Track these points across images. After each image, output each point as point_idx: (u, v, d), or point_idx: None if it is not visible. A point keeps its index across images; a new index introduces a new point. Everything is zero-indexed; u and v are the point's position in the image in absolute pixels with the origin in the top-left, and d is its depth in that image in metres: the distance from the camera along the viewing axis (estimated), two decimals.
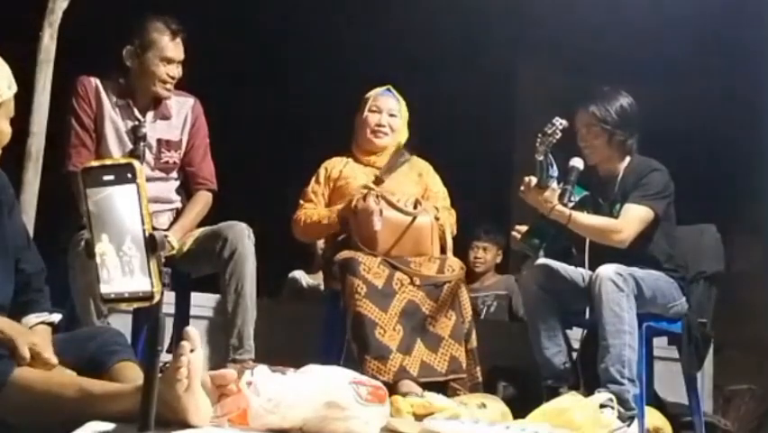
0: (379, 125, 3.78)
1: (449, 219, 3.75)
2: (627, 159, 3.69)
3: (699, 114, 5.30)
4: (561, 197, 3.48)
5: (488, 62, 5.93)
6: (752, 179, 5.37)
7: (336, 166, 3.80)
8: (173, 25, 3.41)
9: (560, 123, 3.42)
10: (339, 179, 3.76)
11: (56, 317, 2.39)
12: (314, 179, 3.79)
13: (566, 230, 3.51)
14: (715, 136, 5.39)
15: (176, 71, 3.42)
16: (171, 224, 3.45)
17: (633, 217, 3.53)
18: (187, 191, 3.55)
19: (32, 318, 2.34)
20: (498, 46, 5.92)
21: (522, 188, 3.50)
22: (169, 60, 3.40)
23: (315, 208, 3.72)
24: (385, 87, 3.84)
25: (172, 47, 3.40)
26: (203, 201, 3.52)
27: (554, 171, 3.46)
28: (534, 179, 3.46)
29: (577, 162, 3.57)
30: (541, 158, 3.42)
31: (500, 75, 6.18)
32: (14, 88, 2.20)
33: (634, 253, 3.50)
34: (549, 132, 3.40)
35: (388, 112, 3.80)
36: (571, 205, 3.50)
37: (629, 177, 3.65)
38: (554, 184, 3.46)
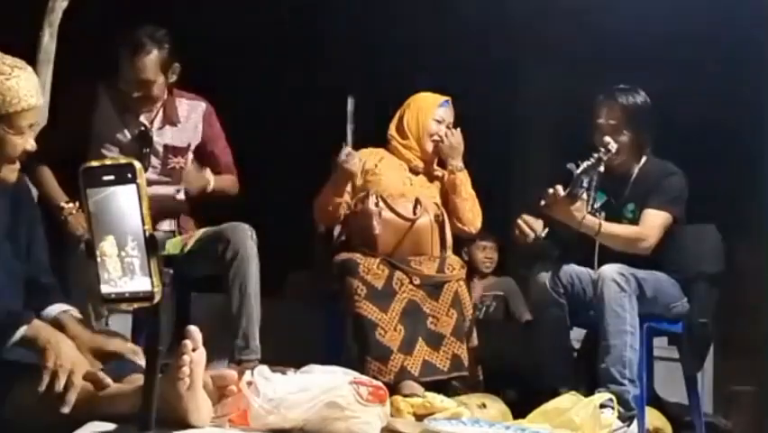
0: (441, 136, 3.79)
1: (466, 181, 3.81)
2: (643, 159, 3.66)
3: (700, 113, 5.30)
4: None
5: (488, 62, 5.93)
6: (752, 179, 5.37)
7: (371, 159, 3.78)
8: (140, 45, 3.23)
9: (614, 146, 3.44)
10: (371, 173, 3.74)
11: (76, 313, 2.34)
12: None
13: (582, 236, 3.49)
14: (715, 135, 5.39)
15: (145, 90, 3.29)
16: (177, 223, 3.47)
17: (655, 224, 3.51)
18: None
19: (56, 308, 2.30)
20: (499, 45, 5.92)
21: (544, 202, 3.42)
22: (141, 83, 3.27)
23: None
24: (445, 99, 3.84)
25: (135, 67, 3.25)
26: (231, 178, 3.60)
27: (586, 182, 3.42)
28: (561, 190, 3.39)
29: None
30: (585, 177, 3.37)
31: (500, 74, 6.19)
32: (27, 103, 2.15)
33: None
34: (605, 158, 3.40)
35: (447, 124, 3.82)
36: (592, 210, 3.48)
37: (644, 178, 3.61)
38: (584, 195, 3.41)
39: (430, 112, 3.80)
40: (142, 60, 3.26)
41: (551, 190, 3.40)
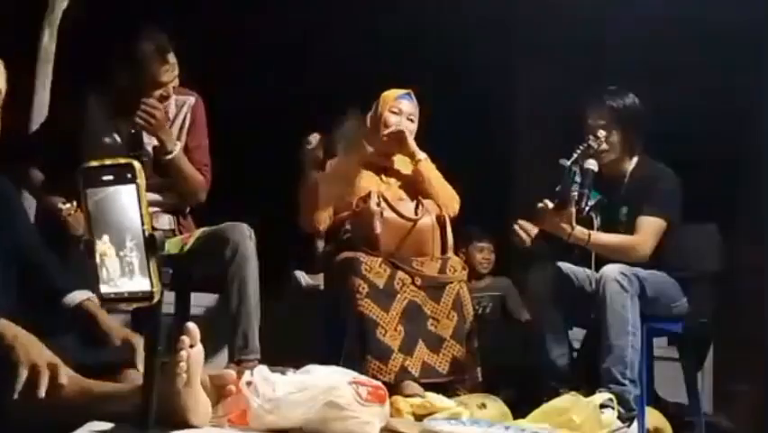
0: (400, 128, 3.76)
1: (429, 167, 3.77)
2: (635, 159, 3.68)
3: (699, 113, 5.29)
4: (578, 202, 3.46)
5: (487, 62, 5.93)
6: (752, 179, 5.37)
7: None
8: (162, 47, 3.27)
9: (603, 133, 3.50)
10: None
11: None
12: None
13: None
14: (715, 136, 5.38)
15: (164, 90, 3.32)
16: (177, 223, 3.45)
17: (649, 231, 3.53)
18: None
19: (80, 294, 2.27)
20: (498, 45, 5.92)
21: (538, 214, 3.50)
22: (159, 85, 3.31)
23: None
24: (405, 91, 3.80)
25: (162, 72, 3.29)
26: (197, 177, 3.45)
27: (578, 177, 3.46)
28: (550, 204, 3.45)
29: (592, 165, 3.52)
30: (575, 168, 3.43)
31: (501, 75, 6.18)
32: None
33: None
34: (595, 146, 3.46)
35: (407, 116, 3.77)
36: (587, 209, 3.50)
37: (637, 180, 3.63)
38: (576, 192, 3.45)
39: (388, 104, 3.77)
40: (169, 60, 3.30)
41: (540, 204, 3.47)
